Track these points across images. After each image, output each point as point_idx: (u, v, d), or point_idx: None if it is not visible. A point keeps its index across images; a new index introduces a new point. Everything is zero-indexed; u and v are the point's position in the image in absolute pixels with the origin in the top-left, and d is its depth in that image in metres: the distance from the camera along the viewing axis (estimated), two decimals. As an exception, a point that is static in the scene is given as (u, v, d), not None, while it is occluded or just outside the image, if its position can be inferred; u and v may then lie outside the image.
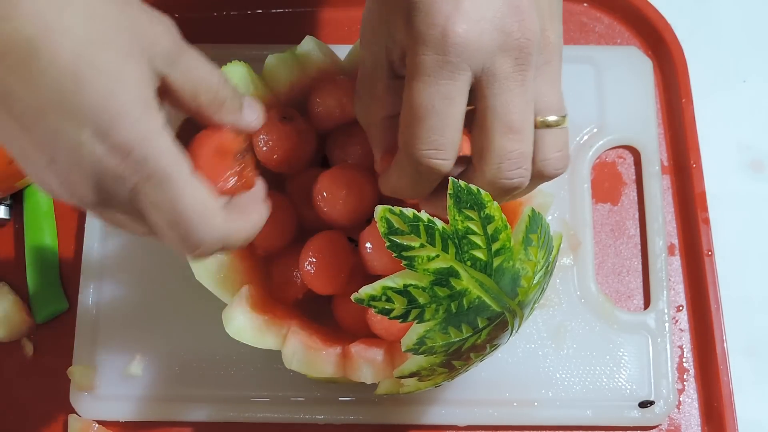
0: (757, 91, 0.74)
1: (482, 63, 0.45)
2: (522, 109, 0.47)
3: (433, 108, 0.46)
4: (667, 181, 0.70)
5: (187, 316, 0.65)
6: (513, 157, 0.47)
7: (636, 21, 0.74)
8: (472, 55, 0.45)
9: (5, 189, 0.63)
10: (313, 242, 0.58)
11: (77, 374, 0.63)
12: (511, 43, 0.45)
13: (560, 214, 0.67)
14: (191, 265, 0.56)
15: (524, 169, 0.48)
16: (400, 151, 0.48)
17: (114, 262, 0.66)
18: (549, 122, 0.49)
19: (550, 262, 0.52)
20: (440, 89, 0.46)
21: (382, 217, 0.47)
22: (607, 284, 0.67)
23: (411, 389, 0.55)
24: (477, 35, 0.45)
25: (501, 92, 0.46)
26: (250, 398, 0.63)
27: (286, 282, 0.60)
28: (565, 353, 0.64)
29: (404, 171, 0.49)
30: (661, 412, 0.63)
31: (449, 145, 0.47)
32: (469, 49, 0.45)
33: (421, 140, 0.46)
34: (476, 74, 0.46)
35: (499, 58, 0.46)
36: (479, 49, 0.45)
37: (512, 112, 0.46)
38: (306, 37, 0.62)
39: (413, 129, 0.46)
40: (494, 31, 0.45)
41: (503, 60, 0.46)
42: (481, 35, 0.45)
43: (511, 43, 0.45)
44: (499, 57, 0.46)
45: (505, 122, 0.46)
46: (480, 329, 0.49)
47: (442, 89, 0.46)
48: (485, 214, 0.48)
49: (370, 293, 0.48)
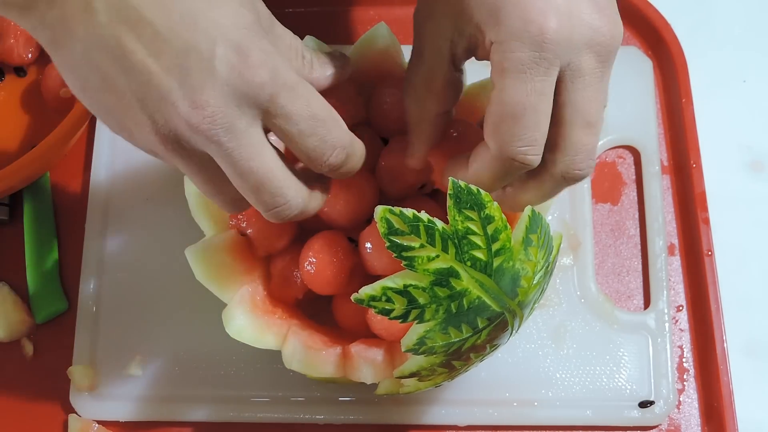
0: (757, 91, 0.74)
1: (569, 58, 0.46)
2: (599, 104, 0.48)
3: (530, 105, 0.46)
4: (667, 181, 0.70)
5: (187, 316, 0.65)
6: (587, 150, 0.48)
7: (636, 21, 0.74)
8: (564, 51, 0.45)
9: (5, 189, 0.63)
10: (313, 242, 0.58)
11: (77, 374, 0.63)
12: (598, 39, 0.46)
13: (560, 214, 0.67)
14: (191, 265, 0.56)
15: (593, 160, 0.49)
16: (488, 148, 0.48)
17: (114, 261, 0.66)
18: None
19: (550, 262, 0.52)
20: (536, 86, 0.46)
21: (382, 217, 0.47)
22: (607, 284, 0.67)
23: (411, 389, 0.55)
24: (569, 31, 0.45)
25: (584, 87, 0.47)
26: (250, 398, 0.63)
27: (286, 282, 0.60)
28: (565, 353, 0.64)
29: (490, 166, 0.48)
30: (661, 412, 0.63)
31: (542, 140, 0.47)
32: (562, 45, 0.45)
33: (518, 137, 0.46)
34: (562, 68, 0.46)
35: (585, 53, 0.46)
36: (570, 44, 0.45)
37: (591, 108, 0.47)
38: (306, 37, 0.62)
39: (509, 126, 0.46)
40: (584, 26, 0.46)
41: (589, 56, 0.46)
42: (573, 30, 0.45)
43: (598, 39, 0.46)
44: (586, 53, 0.46)
45: (584, 117, 0.47)
46: (480, 329, 0.49)
47: (538, 86, 0.46)
48: (485, 214, 0.48)
49: (370, 293, 0.48)
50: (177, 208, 0.63)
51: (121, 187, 0.68)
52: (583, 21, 0.46)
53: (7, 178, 0.62)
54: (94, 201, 0.68)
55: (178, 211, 0.64)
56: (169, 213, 0.67)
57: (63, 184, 0.69)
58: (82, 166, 0.70)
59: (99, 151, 0.69)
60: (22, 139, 0.70)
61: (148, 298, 0.65)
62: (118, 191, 0.68)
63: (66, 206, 0.69)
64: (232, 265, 0.57)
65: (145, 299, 0.65)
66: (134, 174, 0.68)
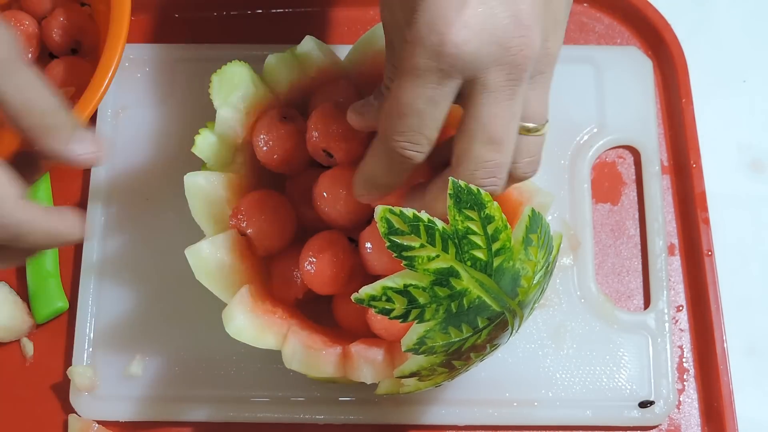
0: (757, 91, 0.74)
1: (475, 73, 0.46)
2: (507, 122, 0.47)
3: (417, 108, 0.46)
4: (667, 181, 0.70)
5: (187, 316, 0.65)
6: (489, 167, 0.48)
7: (636, 21, 0.74)
8: (466, 66, 0.45)
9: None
10: (313, 242, 0.58)
11: (77, 374, 0.63)
12: (507, 58, 0.45)
13: (560, 214, 0.67)
14: (191, 264, 0.56)
15: (498, 178, 0.48)
16: (378, 136, 0.49)
17: (114, 262, 0.66)
18: (528, 128, 0.49)
19: (550, 262, 0.52)
20: (426, 92, 0.46)
21: (383, 217, 0.47)
22: (607, 284, 0.67)
23: (411, 389, 0.55)
24: (475, 47, 0.45)
25: (488, 103, 0.46)
26: (250, 398, 0.63)
27: (286, 282, 0.60)
28: (565, 353, 0.64)
29: (378, 157, 0.50)
30: (661, 412, 0.63)
31: (425, 141, 0.48)
32: (464, 60, 0.45)
33: (399, 132, 0.47)
34: (468, 80, 0.46)
35: (493, 71, 0.46)
36: (474, 60, 0.45)
37: (496, 124, 0.47)
38: (306, 37, 0.62)
39: (393, 121, 0.47)
40: (493, 44, 0.45)
41: (497, 74, 0.46)
42: (479, 48, 0.45)
43: (507, 59, 0.45)
44: (493, 70, 0.46)
45: (487, 132, 0.47)
46: (480, 329, 0.49)
47: (428, 92, 0.46)
48: (485, 214, 0.48)
49: (370, 293, 0.48)
50: (177, 208, 0.63)
51: (121, 187, 0.68)
52: (493, 38, 0.45)
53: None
54: (94, 201, 0.68)
55: (178, 211, 0.64)
56: (169, 213, 0.67)
57: (63, 184, 0.69)
58: (82, 166, 0.70)
59: (99, 151, 0.69)
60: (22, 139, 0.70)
61: (148, 298, 0.65)
62: (118, 191, 0.68)
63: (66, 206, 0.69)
64: (232, 265, 0.57)
65: (145, 299, 0.65)
66: (134, 174, 0.68)
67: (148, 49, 0.72)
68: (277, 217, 0.59)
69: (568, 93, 0.70)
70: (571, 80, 0.70)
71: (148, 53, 0.72)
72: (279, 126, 0.59)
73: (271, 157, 0.59)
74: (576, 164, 0.69)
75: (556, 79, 0.51)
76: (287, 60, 0.61)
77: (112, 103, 0.70)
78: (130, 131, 0.70)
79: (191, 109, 0.70)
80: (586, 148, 0.69)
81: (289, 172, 0.61)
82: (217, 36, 0.73)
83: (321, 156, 0.58)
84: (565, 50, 0.72)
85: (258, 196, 0.59)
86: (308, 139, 0.58)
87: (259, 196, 0.59)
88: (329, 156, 0.58)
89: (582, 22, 0.74)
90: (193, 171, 0.59)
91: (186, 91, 0.70)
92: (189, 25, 0.74)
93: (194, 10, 0.74)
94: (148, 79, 0.71)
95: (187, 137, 0.61)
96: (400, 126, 0.47)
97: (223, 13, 0.74)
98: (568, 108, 0.70)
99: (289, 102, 0.62)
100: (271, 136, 0.59)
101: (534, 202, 0.57)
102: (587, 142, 0.70)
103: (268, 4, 0.74)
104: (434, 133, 0.48)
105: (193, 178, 0.59)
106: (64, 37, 0.70)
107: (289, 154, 0.59)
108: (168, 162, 0.68)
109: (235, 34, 0.73)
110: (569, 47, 0.73)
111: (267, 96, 0.61)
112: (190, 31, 0.74)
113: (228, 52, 0.71)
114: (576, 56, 0.72)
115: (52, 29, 0.69)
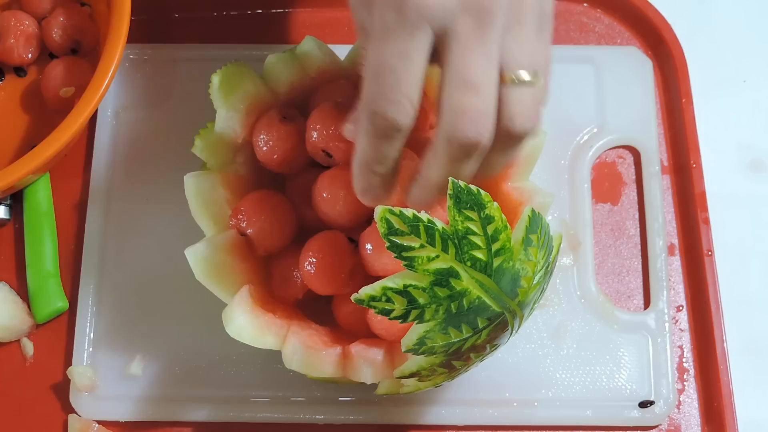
0: (757, 91, 0.74)
1: (443, 22, 0.46)
2: (481, 66, 0.46)
3: (390, 65, 0.46)
4: (667, 181, 0.70)
5: (187, 316, 0.64)
6: (468, 112, 0.46)
7: (636, 21, 0.74)
8: (432, 15, 0.45)
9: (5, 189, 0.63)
10: (313, 242, 0.58)
11: (77, 374, 0.63)
12: (471, 2, 0.46)
13: (560, 214, 0.67)
14: (191, 265, 0.56)
15: (482, 126, 0.47)
16: (359, 109, 0.48)
17: (114, 262, 0.66)
18: (520, 77, 0.48)
19: (550, 262, 0.52)
20: (398, 47, 0.46)
21: (382, 217, 0.47)
22: (607, 284, 0.67)
23: (411, 389, 0.55)
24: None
25: (459, 49, 0.46)
26: (250, 398, 0.63)
27: (286, 282, 0.60)
28: (565, 353, 0.64)
29: (365, 131, 0.48)
30: (661, 412, 0.63)
31: (406, 101, 0.47)
32: (429, 8, 0.45)
33: (379, 95, 0.47)
34: (438, 34, 0.46)
35: (459, 17, 0.46)
36: (439, 7, 0.45)
37: (469, 68, 0.46)
38: (306, 37, 0.62)
39: (371, 84, 0.47)
40: None
41: (464, 20, 0.46)
42: None
43: (471, 3, 0.46)
44: (460, 16, 0.46)
45: (461, 77, 0.46)
46: (480, 329, 0.49)
47: (400, 46, 0.46)
48: (485, 214, 0.48)
49: (370, 293, 0.48)
50: (177, 208, 0.63)
51: (121, 187, 0.68)
52: None
53: (7, 178, 0.62)
54: (94, 201, 0.68)
55: (178, 211, 0.64)
56: (169, 213, 0.67)
57: (63, 184, 0.69)
58: (82, 166, 0.70)
59: (99, 151, 0.69)
60: (22, 139, 0.70)
61: (148, 298, 0.65)
62: (118, 191, 0.68)
63: (66, 206, 0.69)
64: (232, 265, 0.57)
65: (145, 299, 0.65)
66: (134, 174, 0.68)
67: (148, 49, 0.72)
68: (277, 217, 0.59)
69: (568, 93, 0.70)
70: (571, 80, 0.70)
71: (148, 53, 0.72)
72: (279, 126, 0.59)
73: (271, 157, 0.59)
74: (576, 164, 0.69)
75: (556, 79, 0.51)
76: (287, 60, 0.61)
77: (112, 103, 0.70)
78: (130, 131, 0.70)
79: (191, 109, 0.70)
80: (586, 148, 0.69)
81: (289, 172, 0.61)
82: (217, 36, 0.73)
83: (320, 156, 0.58)
84: (565, 50, 0.73)
85: (258, 196, 0.59)
86: (307, 139, 0.58)
87: (259, 196, 0.59)
88: (329, 156, 0.58)
89: (582, 22, 0.74)
90: (193, 171, 0.59)
91: (186, 91, 0.70)
92: (189, 25, 0.74)
93: (194, 10, 0.74)
94: (148, 79, 0.71)
95: (187, 137, 0.61)
96: (377, 87, 0.47)
97: (223, 13, 0.74)
98: (568, 108, 0.70)
99: (289, 102, 0.62)
100: (271, 136, 0.59)
101: (534, 202, 0.57)
102: (587, 142, 0.70)
103: (268, 4, 0.74)
104: (414, 92, 0.47)
105: (193, 178, 0.59)
106: (64, 37, 0.70)
107: (289, 154, 0.59)
108: (168, 162, 0.68)
109: (235, 34, 0.73)
110: (569, 47, 0.73)
111: (267, 96, 0.61)
112: (190, 31, 0.74)
113: (228, 52, 0.71)
114: (576, 56, 0.72)
115: (52, 29, 0.69)
